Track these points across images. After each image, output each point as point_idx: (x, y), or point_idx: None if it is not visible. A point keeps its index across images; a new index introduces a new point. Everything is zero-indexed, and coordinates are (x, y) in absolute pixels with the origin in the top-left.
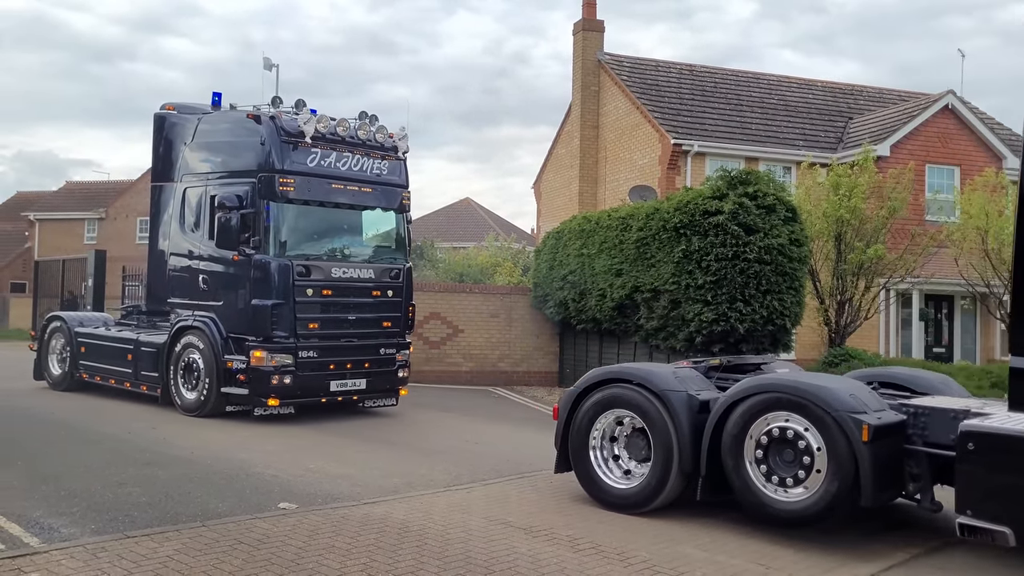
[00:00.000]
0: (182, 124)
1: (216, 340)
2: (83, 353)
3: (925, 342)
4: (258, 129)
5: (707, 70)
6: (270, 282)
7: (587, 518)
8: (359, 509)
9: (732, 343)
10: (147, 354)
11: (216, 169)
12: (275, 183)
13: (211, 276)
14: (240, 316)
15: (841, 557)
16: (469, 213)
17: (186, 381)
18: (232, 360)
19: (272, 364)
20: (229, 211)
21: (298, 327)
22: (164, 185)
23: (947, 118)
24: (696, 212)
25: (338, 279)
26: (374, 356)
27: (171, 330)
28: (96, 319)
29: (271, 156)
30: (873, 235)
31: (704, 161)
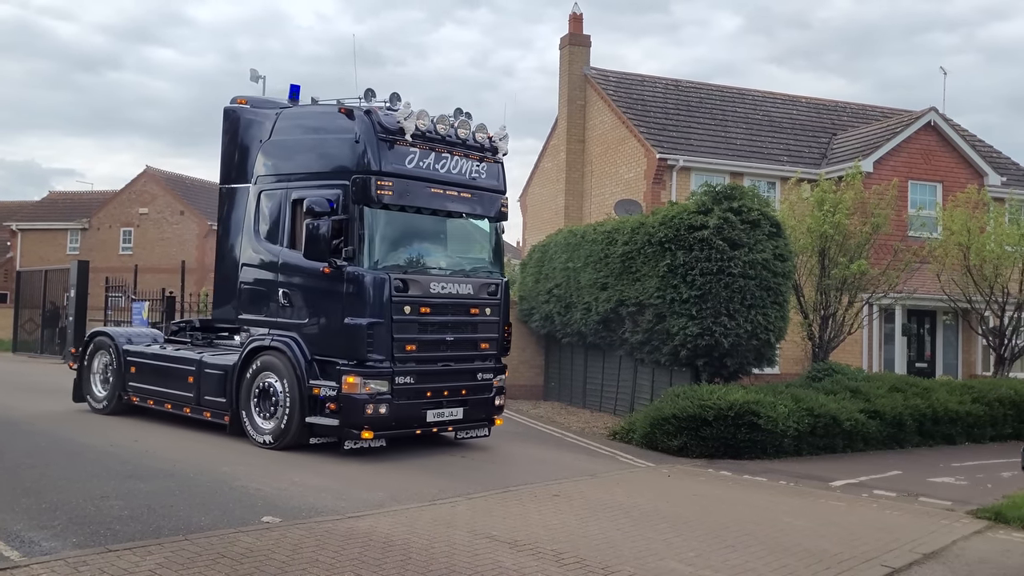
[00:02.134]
0: (257, 120)
1: (299, 363)
2: (133, 374)
3: (908, 357)
4: (352, 126)
5: (692, 85)
6: (365, 298)
7: (572, 532)
8: (343, 523)
9: (717, 357)
10: (213, 377)
11: (299, 170)
12: (371, 186)
13: (293, 290)
14: (329, 336)
15: (823, 572)
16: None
17: (261, 409)
18: (319, 386)
19: (366, 391)
20: (319, 217)
21: (395, 349)
22: (235, 188)
23: (929, 135)
24: (681, 227)
25: (436, 295)
26: (471, 382)
27: (243, 351)
28: (145, 335)
29: (367, 156)
30: (857, 250)
31: (689, 176)
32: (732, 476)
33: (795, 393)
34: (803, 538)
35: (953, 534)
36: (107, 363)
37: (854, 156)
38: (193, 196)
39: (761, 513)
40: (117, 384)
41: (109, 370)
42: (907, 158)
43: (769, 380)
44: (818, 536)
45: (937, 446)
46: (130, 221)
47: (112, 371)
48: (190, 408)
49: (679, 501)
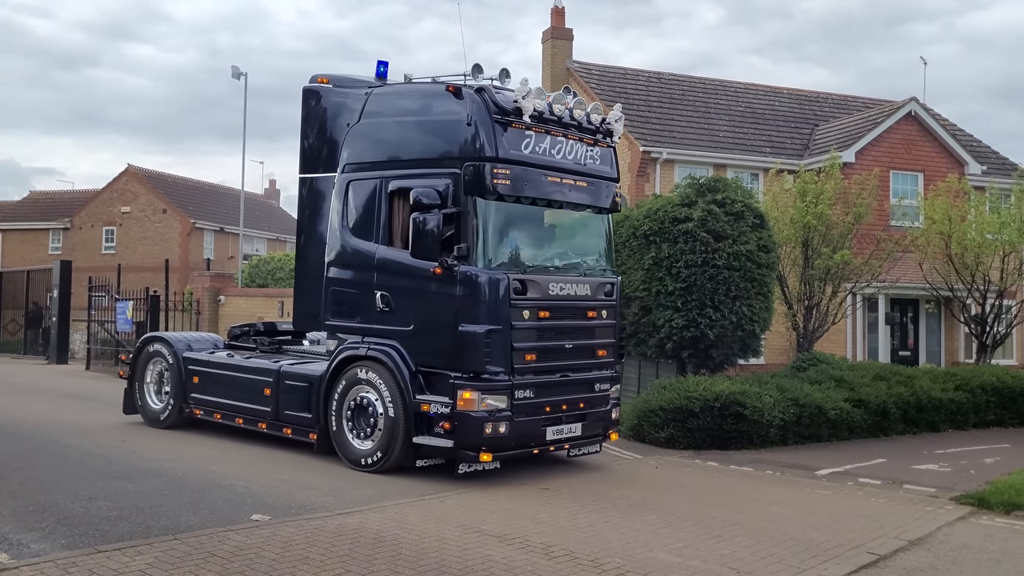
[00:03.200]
0: (343, 101)
1: (403, 376)
2: (196, 384)
3: (891, 345)
4: (462, 105)
5: (675, 78)
6: (482, 302)
7: (561, 526)
8: (333, 520)
9: (702, 348)
10: (295, 389)
11: (397, 157)
12: (486, 174)
13: (393, 293)
14: (438, 345)
15: (810, 560)
16: None
17: (356, 426)
18: (428, 402)
19: (484, 408)
20: (427, 211)
21: (514, 360)
22: (317, 178)
23: (910, 125)
24: (665, 219)
25: (555, 297)
26: (590, 393)
27: (333, 360)
28: (204, 341)
29: (480, 140)
30: (839, 240)
31: (673, 168)
32: (719, 467)
33: (780, 383)
34: (790, 527)
35: (937, 521)
36: (163, 371)
37: (836, 147)
38: (175, 194)
39: (748, 503)
40: (178, 395)
41: (165, 379)
42: (888, 148)
43: (755, 370)
44: (805, 524)
45: (921, 434)
46: (112, 220)
47: (170, 381)
48: (266, 424)
49: (667, 492)
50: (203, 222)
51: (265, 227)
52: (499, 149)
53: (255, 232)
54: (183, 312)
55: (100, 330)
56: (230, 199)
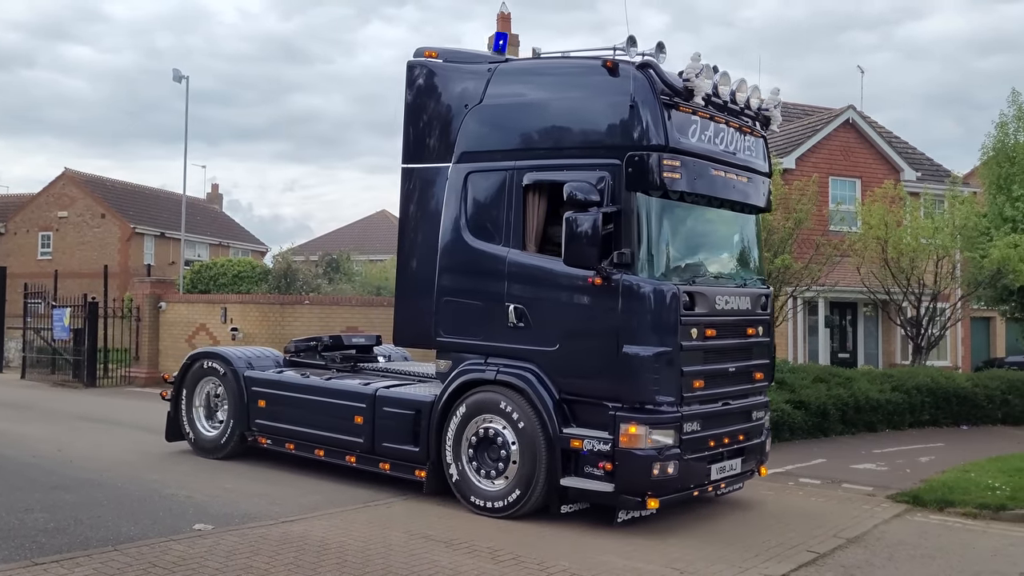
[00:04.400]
0: (458, 78)
1: (545, 404)
2: (263, 408)
3: (831, 348)
4: (621, 84)
5: None
6: (651, 319)
7: (509, 530)
8: (277, 528)
9: None
10: (398, 418)
11: (534, 144)
12: (654, 167)
13: (533, 306)
14: (592, 369)
15: (753, 559)
16: (386, 225)
17: (481, 463)
18: (580, 437)
19: (650, 445)
20: (584, 209)
21: (683, 387)
22: (426, 168)
23: (848, 132)
24: None
25: (722, 312)
26: (748, 423)
27: (449, 384)
28: (265, 357)
29: (647, 125)
30: (780, 245)
31: None
32: None
33: None
34: (735, 527)
35: (874, 518)
36: (217, 393)
37: (778, 152)
38: (114, 198)
39: (695, 505)
40: (238, 421)
41: (221, 402)
42: (827, 155)
43: None
44: (749, 525)
45: (859, 434)
46: (49, 225)
47: (228, 404)
48: (356, 457)
49: None
50: (143, 227)
51: (208, 232)
52: (668, 136)
53: (197, 237)
54: (123, 319)
55: (36, 338)
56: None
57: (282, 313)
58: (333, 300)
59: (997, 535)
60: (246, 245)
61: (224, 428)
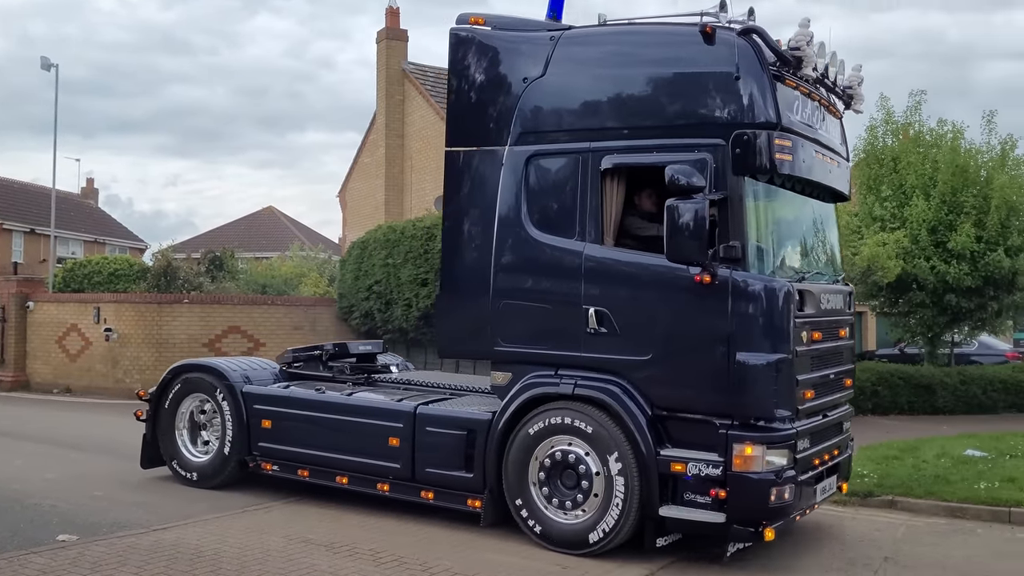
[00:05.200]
0: (513, 48)
1: (638, 422)
2: (267, 430)
3: None
4: (724, 53)
5: None
6: (766, 322)
7: (391, 531)
8: (148, 536)
9: None
10: (445, 439)
11: (613, 122)
12: (766, 147)
13: (620, 309)
14: (694, 380)
15: (623, 558)
16: (272, 222)
17: (553, 491)
18: (682, 460)
19: (766, 467)
20: (689, 196)
21: (798, 398)
22: (476, 152)
23: None
24: None
25: (826, 312)
26: (840, 436)
27: (512, 399)
28: (261, 369)
29: (755, 100)
30: None
31: None
32: None
33: None
34: None
35: None
36: (203, 410)
37: None
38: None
39: None
40: (237, 444)
41: (209, 422)
42: None
43: None
44: None
45: None
46: None
47: (222, 425)
48: (389, 485)
49: None
50: (11, 223)
51: (82, 228)
52: (780, 113)
53: (70, 234)
54: None
55: None
56: (42, 198)
57: (160, 312)
58: (215, 299)
59: (865, 520)
60: (124, 242)
61: (218, 453)
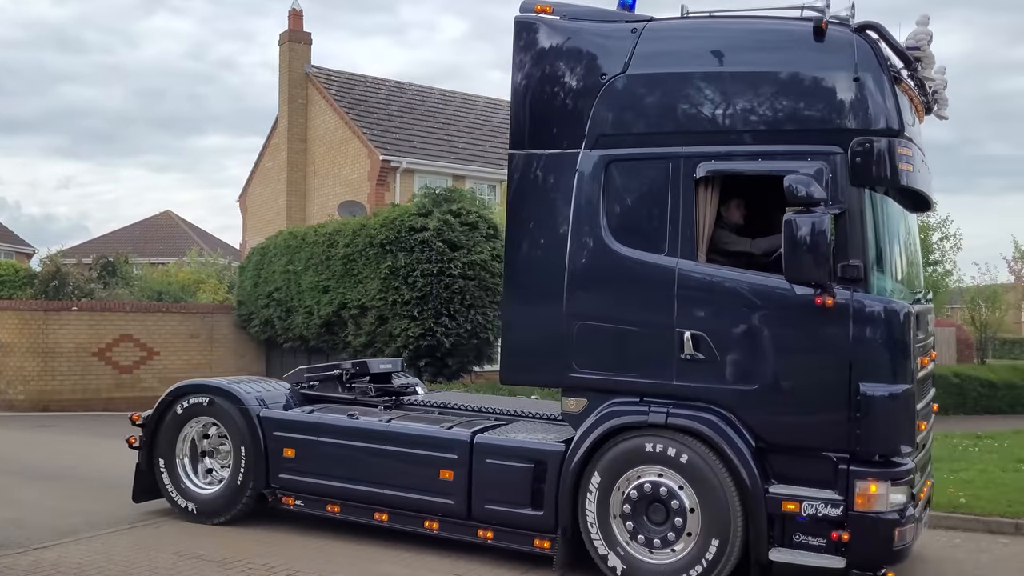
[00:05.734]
0: (589, 40)
1: (743, 458)
2: (290, 460)
3: None
4: (840, 52)
5: (416, 88)
6: (890, 348)
7: (287, 544)
8: (26, 556)
9: (439, 357)
10: (508, 472)
11: (711, 126)
12: (889, 157)
13: (722, 333)
14: (815, 412)
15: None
16: (170, 226)
17: (640, 529)
18: (796, 499)
19: (889, 506)
20: (811, 209)
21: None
22: (546, 155)
23: None
24: (402, 228)
25: (928, 336)
26: (929, 466)
27: (592, 428)
28: (273, 391)
29: (878, 104)
30: None
31: (413, 178)
32: None
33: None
34: None
35: None
36: (207, 434)
37: None
38: None
39: None
40: (252, 475)
41: (215, 450)
42: None
43: (491, 378)
44: None
45: None
46: None
47: (234, 453)
48: (439, 523)
49: None
50: None
51: None
52: (902, 119)
53: None
54: None
55: None
56: None
57: (46, 320)
58: (105, 306)
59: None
60: (10, 247)
61: (228, 485)
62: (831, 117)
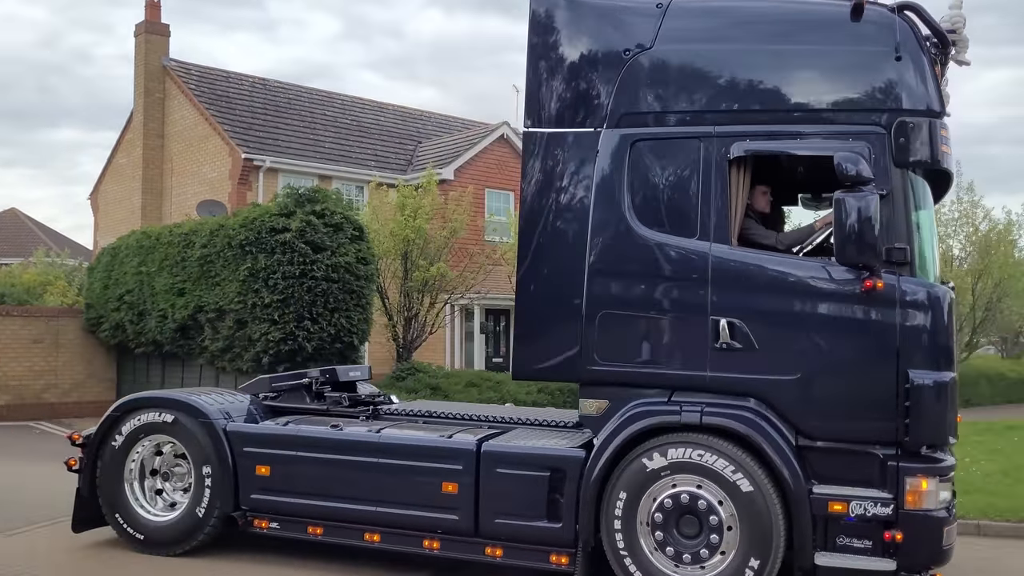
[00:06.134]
0: (611, 15)
1: (785, 457)
2: (264, 478)
3: (486, 353)
4: (882, 31)
5: (281, 85)
6: (937, 335)
7: (131, 563)
8: None
9: (300, 362)
10: (521, 482)
11: (744, 105)
12: (931, 138)
13: (762, 320)
14: (863, 404)
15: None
16: (15, 225)
17: (671, 541)
18: (843, 499)
19: (940, 503)
20: (860, 189)
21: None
22: (566, 133)
23: (504, 147)
24: (263, 229)
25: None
26: None
27: (617, 431)
28: (236, 403)
29: (919, 84)
30: (436, 254)
31: (277, 177)
32: None
33: None
34: None
35: None
36: (159, 451)
37: (437, 163)
38: None
39: None
40: (218, 497)
41: (171, 470)
42: (484, 167)
43: None
44: None
45: None
46: None
47: (195, 473)
48: (439, 542)
49: None
50: None
51: None
52: (943, 100)
53: None
54: None
55: None
56: None
57: None
58: None
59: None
60: None
61: (188, 511)
62: (873, 97)
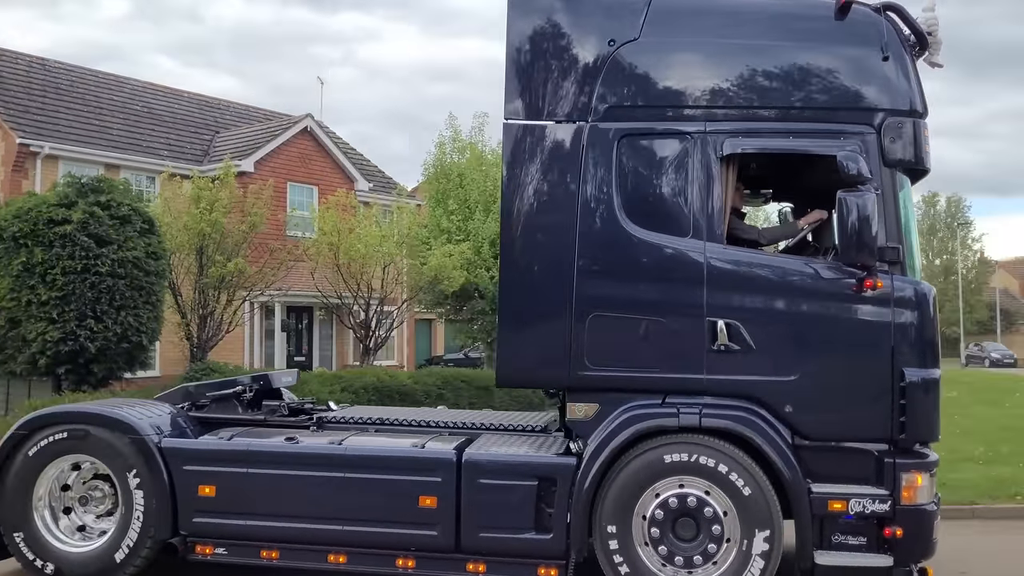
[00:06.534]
0: (595, 2)
1: (785, 457)
2: (209, 499)
3: (287, 351)
4: (866, 29)
5: (62, 66)
6: (923, 332)
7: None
8: None
9: (82, 363)
10: (506, 492)
11: (734, 101)
12: (917, 138)
13: (759, 320)
14: (859, 402)
15: None
16: None
17: (670, 546)
18: (842, 497)
19: (932, 498)
20: (860, 189)
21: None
22: (548, 126)
23: (307, 140)
24: (40, 221)
25: None
26: None
27: (609, 437)
28: (163, 415)
29: (906, 85)
30: (234, 249)
31: (58, 165)
32: None
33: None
34: None
35: None
36: (81, 470)
37: (236, 155)
38: None
39: None
40: (154, 523)
41: (87, 494)
42: (286, 160)
43: (146, 384)
44: None
45: None
46: None
47: (122, 498)
48: (415, 560)
49: None
50: None
51: None
52: (925, 100)
53: None
54: None
55: None
56: None
57: None
58: None
59: None
60: None
61: (113, 541)
62: (863, 96)
